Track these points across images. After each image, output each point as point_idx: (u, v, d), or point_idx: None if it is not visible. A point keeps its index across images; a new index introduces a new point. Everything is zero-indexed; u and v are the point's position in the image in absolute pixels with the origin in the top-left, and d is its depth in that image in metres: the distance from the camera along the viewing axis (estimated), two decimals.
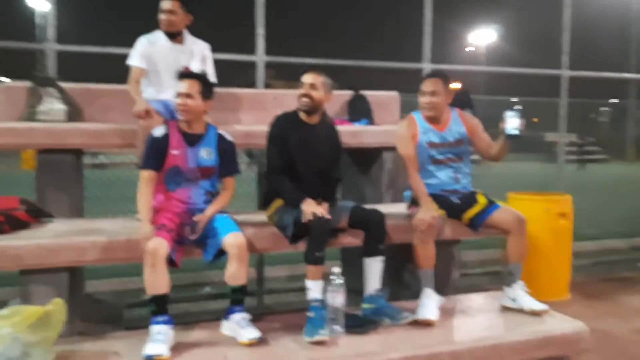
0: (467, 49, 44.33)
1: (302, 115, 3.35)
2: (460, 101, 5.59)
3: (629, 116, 25.37)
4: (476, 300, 3.67)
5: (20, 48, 4.29)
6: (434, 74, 3.68)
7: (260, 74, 4.79)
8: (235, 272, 2.95)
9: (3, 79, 4.02)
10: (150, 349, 2.70)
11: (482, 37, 42.53)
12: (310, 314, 3.02)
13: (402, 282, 4.02)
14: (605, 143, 25.60)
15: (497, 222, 3.52)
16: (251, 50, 4.80)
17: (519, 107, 3.44)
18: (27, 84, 3.96)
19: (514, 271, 3.48)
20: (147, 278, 2.82)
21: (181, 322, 3.08)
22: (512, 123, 3.37)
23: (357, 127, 4.51)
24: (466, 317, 3.37)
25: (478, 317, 3.38)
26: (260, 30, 4.79)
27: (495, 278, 5.51)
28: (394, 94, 5.15)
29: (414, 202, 3.58)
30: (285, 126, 3.31)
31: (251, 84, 4.81)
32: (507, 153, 3.60)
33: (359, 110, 4.72)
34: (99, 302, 4.20)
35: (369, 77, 5.80)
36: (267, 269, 5.04)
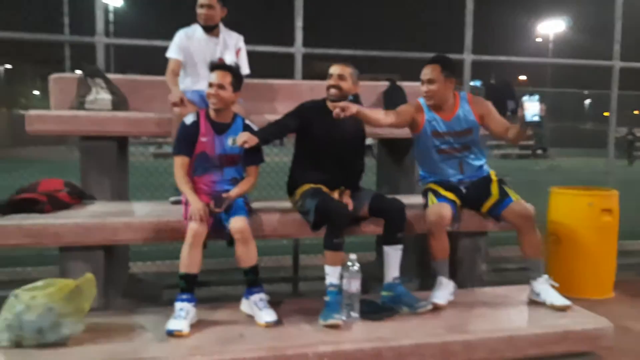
0: (537, 40, 42.91)
1: (329, 105, 3.44)
2: (502, 92, 5.52)
3: None
4: (499, 293, 3.64)
5: (74, 41, 4.57)
6: (433, 60, 3.54)
7: (299, 65, 4.89)
8: (242, 255, 3.09)
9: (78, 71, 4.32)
10: (172, 324, 2.88)
11: (551, 27, 40.99)
12: (327, 298, 3.11)
13: (429, 272, 4.03)
14: None
15: (507, 217, 3.48)
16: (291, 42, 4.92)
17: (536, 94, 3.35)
18: (77, 74, 4.23)
19: (533, 267, 3.43)
20: (183, 256, 3.01)
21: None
22: (532, 109, 3.28)
23: None
24: (485, 309, 3.35)
25: (498, 309, 3.36)
26: (299, 23, 4.89)
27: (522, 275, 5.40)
28: None
29: (425, 194, 3.58)
30: (310, 112, 3.40)
31: (315, 75, 4.91)
32: (525, 138, 3.50)
33: (395, 101, 4.71)
34: (140, 281, 4.44)
35: (410, 68, 5.79)
36: (303, 257, 5.17)
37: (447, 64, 3.52)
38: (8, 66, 31.00)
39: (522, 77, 39.15)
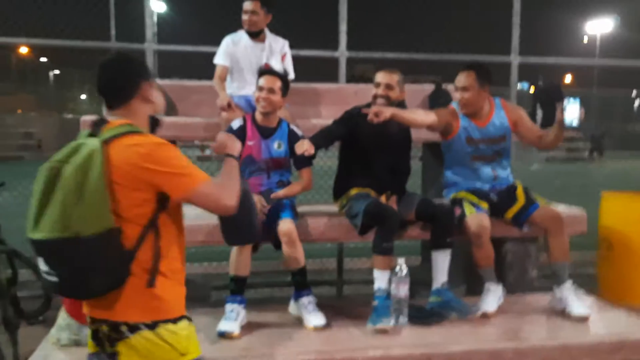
0: (584, 40, 41.81)
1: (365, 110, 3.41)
2: (551, 95, 5.39)
3: None
4: (549, 300, 3.54)
5: (124, 48, 4.70)
6: (468, 67, 3.47)
7: (342, 69, 4.90)
8: (288, 257, 3.11)
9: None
10: (223, 325, 2.93)
11: (598, 26, 39.85)
12: (375, 303, 3.10)
13: (475, 277, 3.97)
14: None
15: (536, 221, 3.41)
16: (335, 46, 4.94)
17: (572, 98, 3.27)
18: None
19: (559, 271, 3.34)
20: (233, 259, 3.06)
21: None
22: (572, 113, 3.21)
23: None
24: (536, 316, 3.29)
25: (549, 316, 3.29)
26: (343, 27, 4.90)
27: (587, 280, 5.26)
28: None
29: (454, 202, 3.49)
30: (357, 120, 3.39)
31: (358, 78, 4.93)
32: (558, 142, 3.43)
33: (440, 104, 4.67)
34: (188, 282, 4.51)
35: (453, 70, 5.73)
36: (347, 261, 5.18)
37: (482, 71, 3.45)
38: (57, 72, 32.01)
39: (568, 79, 38.21)
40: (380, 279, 3.11)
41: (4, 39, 4.90)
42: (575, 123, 3.23)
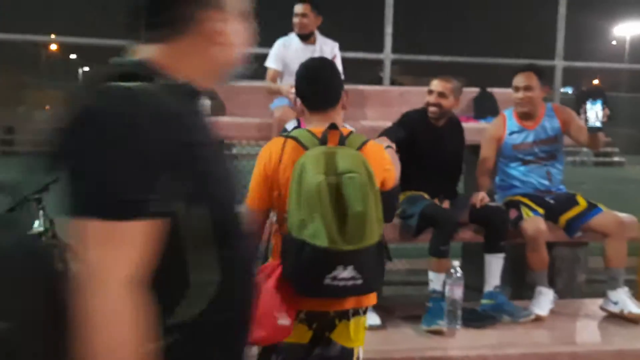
0: (613, 43, 41.21)
1: (431, 119, 3.46)
2: (594, 97, 5.39)
3: None
4: (600, 304, 3.54)
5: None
6: (528, 68, 3.54)
7: (387, 71, 4.94)
8: None
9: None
10: None
11: (627, 29, 39.24)
12: (430, 304, 3.14)
13: (524, 281, 3.98)
14: None
15: (598, 226, 3.39)
16: (376, 47, 4.98)
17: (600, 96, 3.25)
18: None
19: (616, 276, 3.34)
20: None
21: None
22: (592, 115, 3.22)
23: (481, 124, 4.52)
24: (589, 320, 3.31)
25: (602, 321, 3.31)
26: (389, 29, 4.95)
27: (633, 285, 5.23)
28: None
29: (509, 205, 3.51)
30: (413, 124, 3.43)
31: (376, 80, 4.98)
32: (601, 144, 3.47)
33: (485, 108, 4.71)
34: None
35: (501, 74, 5.74)
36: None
37: (541, 72, 3.55)
38: (86, 69, 32.53)
39: (595, 82, 37.71)
40: (436, 281, 3.15)
41: (35, 37, 5.00)
42: (598, 124, 3.23)
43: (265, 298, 1.83)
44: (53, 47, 26.24)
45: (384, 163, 2.07)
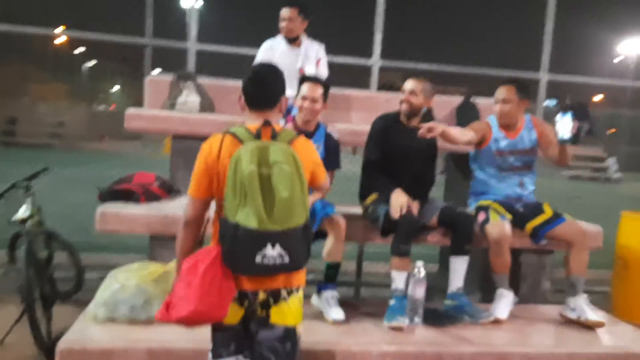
0: (616, 60, 41.20)
1: (403, 118, 3.59)
2: (577, 113, 5.51)
3: None
4: (559, 311, 3.65)
5: (167, 45, 4.94)
6: (509, 81, 3.70)
7: (375, 77, 5.08)
8: (332, 249, 3.28)
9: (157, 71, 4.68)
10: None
11: (633, 46, 39.22)
12: (392, 301, 3.27)
13: (491, 286, 4.10)
14: None
15: (561, 234, 3.53)
16: (367, 52, 5.12)
17: (571, 109, 3.38)
18: (170, 77, 4.58)
19: (576, 283, 3.47)
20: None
21: None
22: (563, 128, 3.34)
23: None
24: (546, 325, 3.43)
25: (558, 326, 3.42)
26: (378, 37, 5.09)
27: (601, 298, 5.35)
28: None
29: (479, 209, 3.64)
30: (386, 126, 3.57)
31: (388, 87, 5.10)
32: (569, 158, 3.59)
33: (468, 116, 4.82)
34: None
35: (478, 82, 5.87)
36: (366, 264, 5.34)
37: (522, 86, 3.69)
38: (92, 62, 32.68)
39: (598, 98, 37.78)
40: (397, 280, 3.28)
41: (44, 30, 5.13)
42: (567, 136, 3.35)
43: (203, 278, 2.08)
44: (61, 39, 26.48)
45: (314, 157, 2.34)
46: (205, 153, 2.23)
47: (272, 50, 4.24)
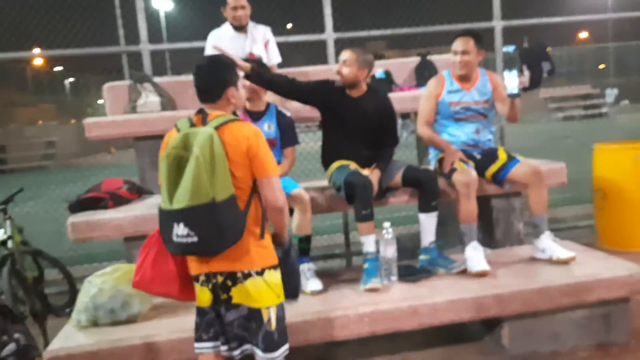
0: None
1: (346, 88, 3.62)
2: (537, 55, 5.54)
3: None
4: (530, 250, 3.71)
5: (123, 51, 4.97)
6: (466, 33, 3.73)
7: (331, 51, 5.10)
8: (300, 224, 3.35)
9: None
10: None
11: None
12: (365, 265, 3.34)
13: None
14: None
15: (516, 176, 3.60)
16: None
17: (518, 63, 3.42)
18: (127, 82, 4.62)
19: (538, 222, 3.53)
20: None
21: None
22: (510, 82, 3.38)
23: (422, 91, 4.66)
24: (519, 265, 3.50)
25: (531, 264, 3.49)
26: (328, 10, 5.10)
27: (587, 231, 5.43)
28: None
29: (441, 162, 3.71)
30: (332, 92, 3.59)
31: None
32: (519, 112, 3.61)
33: (426, 76, 4.86)
34: None
35: (441, 40, 5.87)
36: (355, 234, 5.40)
37: (479, 37, 3.75)
38: (72, 79, 32.55)
39: (584, 35, 37.49)
40: (367, 244, 3.34)
41: (17, 54, 5.18)
42: (516, 91, 3.39)
43: (140, 254, 2.41)
44: (38, 61, 26.35)
45: (248, 142, 2.25)
46: (163, 144, 2.37)
47: (220, 39, 4.27)
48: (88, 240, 3.55)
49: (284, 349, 2.36)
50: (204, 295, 2.33)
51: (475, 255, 3.43)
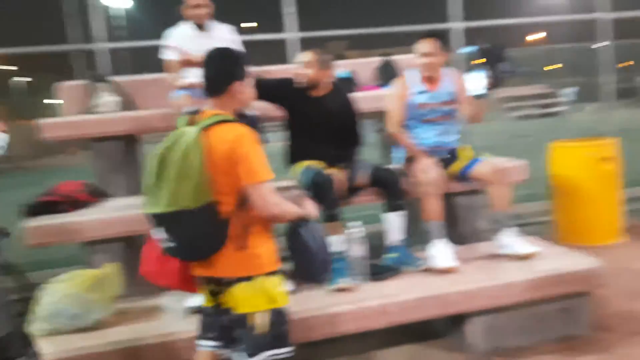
0: None
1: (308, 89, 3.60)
2: (496, 56, 5.63)
3: None
4: (494, 247, 3.71)
5: (75, 49, 4.82)
6: (430, 35, 3.74)
7: (292, 50, 5.08)
8: None
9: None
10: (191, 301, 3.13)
11: None
12: (334, 265, 3.30)
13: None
14: None
15: (478, 174, 3.65)
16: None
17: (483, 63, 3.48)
18: (84, 82, 4.48)
19: (500, 219, 3.59)
20: None
21: None
22: (477, 83, 3.43)
23: (385, 91, 4.68)
24: (484, 261, 3.54)
25: (495, 261, 3.53)
26: (290, 9, 5.07)
27: (547, 227, 5.54)
28: None
29: (409, 160, 3.73)
30: (296, 91, 3.57)
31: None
32: (483, 113, 3.67)
33: (388, 75, 4.89)
34: None
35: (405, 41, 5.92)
36: None
37: (443, 39, 3.77)
38: (29, 79, 31.69)
39: (540, 36, 38.32)
40: (334, 244, 3.32)
41: None
42: (483, 92, 3.44)
43: (144, 248, 2.35)
44: None
45: (232, 146, 2.11)
46: None
47: (180, 38, 4.16)
48: (47, 246, 3.42)
49: (270, 354, 2.25)
50: (205, 296, 2.33)
51: (442, 253, 3.46)
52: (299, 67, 3.55)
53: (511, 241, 3.55)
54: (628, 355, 3.10)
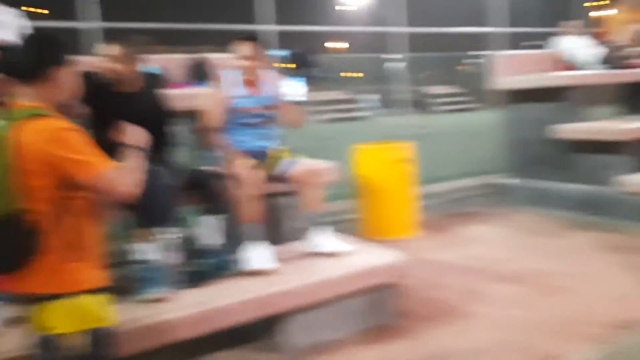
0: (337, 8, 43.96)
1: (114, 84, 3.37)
2: (304, 61, 5.82)
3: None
4: (307, 245, 3.82)
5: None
6: (250, 37, 3.73)
7: (91, 41, 4.71)
8: None
9: None
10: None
11: None
12: (143, 274, 3.10)
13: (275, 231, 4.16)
14: (475, 93, 27.30)
15: (294, 176, 3.75)
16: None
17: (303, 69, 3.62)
18: None
19: (312, 218, 3.73)
20: None
21: None
22: (296, 89, 3.56)
23: (195, 90, 4.55)
24: (301, 261, 3.62)
25: (312, 259, 3.63)
26: None
27: (352, 225, 5.88)
28: None
29: (226, 162, 3.67)
30: (95, 85, 3.29)
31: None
32: (301, 118, 3.79)
33: (199, 74, 4.77)
34: None
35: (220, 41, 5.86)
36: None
37: (261, 42, 3.74)
38: None
39: (344, 45, 40.59)
40: (142, 251, 3.12)
41: None
42: (303, 98, 3.56)
43: None
44: None
45: (53, 146, 1.88)
46: None
47: None
48: None
49: None
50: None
51: (260, 254, 3.45)
52: (104, 60, 3.28)
53: (322, 239, 3.67)
54: (431, 338, 3.40)
